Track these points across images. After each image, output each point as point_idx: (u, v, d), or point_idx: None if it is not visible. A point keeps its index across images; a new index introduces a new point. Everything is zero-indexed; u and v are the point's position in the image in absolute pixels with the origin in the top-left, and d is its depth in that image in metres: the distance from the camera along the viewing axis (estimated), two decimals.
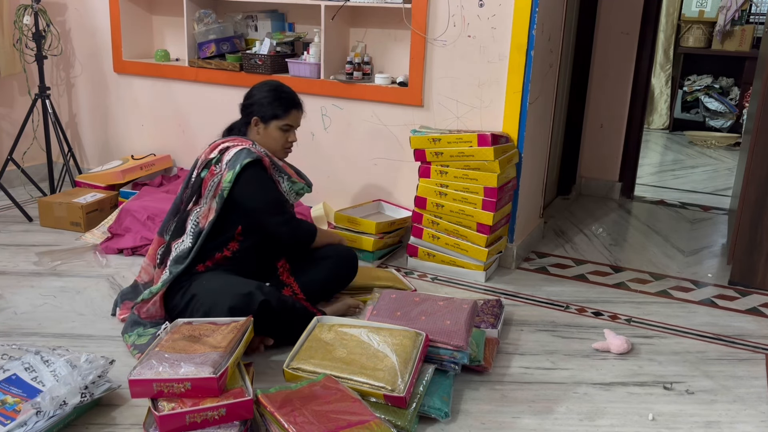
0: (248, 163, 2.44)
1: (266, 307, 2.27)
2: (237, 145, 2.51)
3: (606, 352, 2.54)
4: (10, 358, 2.19)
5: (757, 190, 3.07)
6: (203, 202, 2.50)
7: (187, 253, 2.47)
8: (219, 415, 1.85)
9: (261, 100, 2.56)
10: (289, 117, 2.58)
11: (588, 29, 4.25)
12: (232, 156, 2.46)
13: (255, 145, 2.53)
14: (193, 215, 2.51)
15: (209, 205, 2.48)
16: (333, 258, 2.69)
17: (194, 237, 2.48)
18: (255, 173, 2.47)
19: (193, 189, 2.53)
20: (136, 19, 4.15)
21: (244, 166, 2.43)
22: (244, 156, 2.45)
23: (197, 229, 2.49)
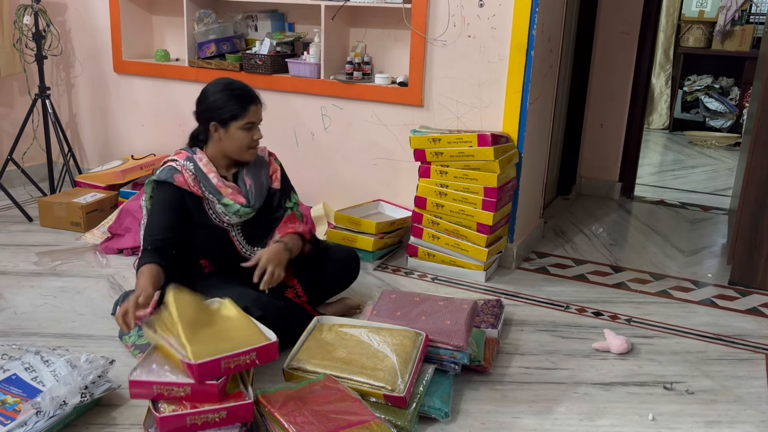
0: (155, 181, 2.40)
1: (264, 321, 2.24)
2: (171, 159, 2.44)
3: (606, 352, 2.54)
4: (10, 358, 2.19)
5: (757, 190, 3.07)
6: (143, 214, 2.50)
7: None
8: (219, 418, 1.85)
9: (215, 103, 2.38)
10: (248, 114, 2.39)
11: (588, 29, 4.25)
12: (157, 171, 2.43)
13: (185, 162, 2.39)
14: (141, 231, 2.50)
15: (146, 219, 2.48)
16: (336, 259, 2.69)
17: None
18: (156, 192, 2.41)
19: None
20: (136, 19, 4.15)
21: (149, 183, 2.42)
22: (158, 174, 2.40)
23: None
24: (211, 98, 2.41)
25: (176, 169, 2.39)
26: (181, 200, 2.39)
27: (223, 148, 2.44)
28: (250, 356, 1.89)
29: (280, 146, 3.71)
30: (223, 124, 2.39)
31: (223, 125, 2.39)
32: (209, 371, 1.83)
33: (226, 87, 2.41)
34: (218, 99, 2.38)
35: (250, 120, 2.40)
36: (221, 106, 2.38)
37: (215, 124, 2.39)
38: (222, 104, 2.38)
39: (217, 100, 2.39)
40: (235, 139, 2.40)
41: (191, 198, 2.40)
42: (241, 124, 2.39)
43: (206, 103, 2.42)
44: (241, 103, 2.39)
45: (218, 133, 2.40)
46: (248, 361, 1.89)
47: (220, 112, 2.38)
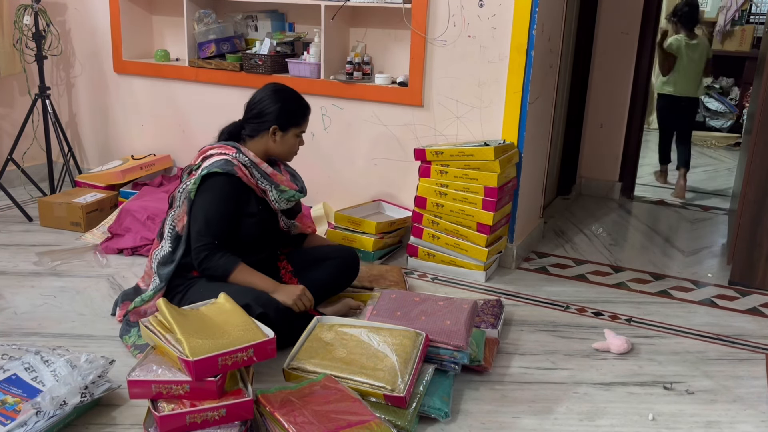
0: (214, 173, 2.40)
1: (265, 318, 2.25)
2: (220, 153, 2.47)
3: (606, 352, 2.54)
4: (10, 358, 2.19)
5: (757, 190, 3.07)
6: (176, 204, 2.50)
7: (168, 258, 2.48)
8: (219, 416, 1.85)
9: (280, 110, 2.51)
10: (305, 124, 2.61)
11: (588, 29, 4.26)
12: (210, 163, 2.43)
13: (238, 155, 2.46)
14: (169, 219, 2.51)
15: (183, 207, 2.47)
16: (335, 259, 2.69)
17: (172, 242, 2.48)
18: (215, 184, 2.40)
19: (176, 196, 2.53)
20: (136, 19, 4.15)
21: (208, 174, 2.41)
22: (216, 165, 2.41)
23: (174, 233, 2.49)
24: (276, 104, 2.52)
25: (232, 162, 2.44)
26: (239, 192, 2.46)
27: (272, 148, 2.56)
28: (248, 353, 1.89)
29: None
30: (284, 129, 2.54)
31: (283, 130, 2.54)
32: (206, 368, 1.83)
33: (294, 97, 2.58)
34: (285, 106, 2.53)
35: (304, 129, 2.62)
36: (287, 113, 2.54)
37: (275, 128, 2.53)
38: (288, 111, 2.54)
39: (283, 107, 2.53)
40: (289, 143, 2.58)
41: (245, 189, 2.48)
42: (298, 131, 2.59)
43: (271, 107, 2.52)
44: (304, 114, 2.60)
45: (275, 136, 2.54)
46: (245, 357, 1.89)
47: (283, 119, 2.53)
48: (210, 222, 2.39)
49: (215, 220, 2.40)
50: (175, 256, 2.47)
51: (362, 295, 2.80)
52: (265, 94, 2.55)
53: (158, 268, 2.50)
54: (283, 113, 2.52)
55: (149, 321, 2.00)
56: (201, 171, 2.43)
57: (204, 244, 2.38)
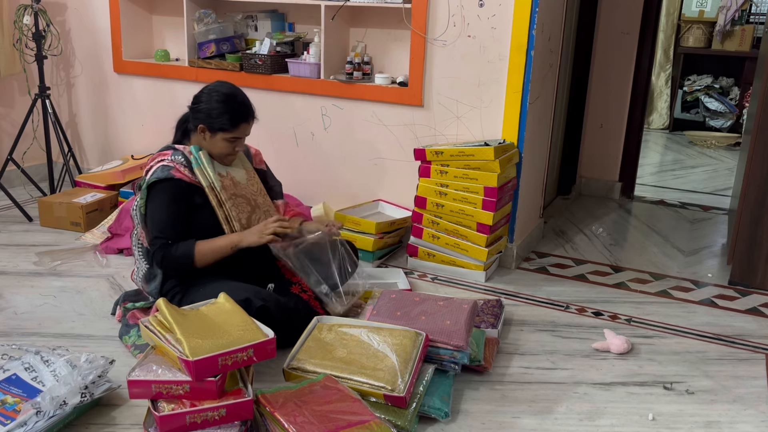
0: (153, 183, 2.39)
1: (265, 312, 2.26)
2: (156, 162, 2.45)
3: (606, 352, 2.54)
4: (10, 358, 2.19)
5: (757, 190, 3.07)
6: (136, 222, 2.51)
7: (150, 274, 2.50)
8: (219, 416, 1.85)
9: (210, 111, 2.43)
10: (236, 130, 2.45)
11: (588, 29, 4.25)
12: (151, 172, 2.42)
13: (173, 157, 2.43)
14: (134, 237, 2.52)
15: (141, 224, 2.48)
16: None
17: (146, 257, 2.50)
18: (158, 192, 2.39)
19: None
20: (136, 19, 4.15)
21: (149, 185, 2.40)
22: (155, 175, 2.39)
23: (143, 249, 2.50)
24: (207, 105, 2.44)
25: (168, 166, 2.41)
26: (184, 192, 2.42)
27: (205, 147, 2.50)
28: (248, 353, 1.89)
29: (280, 146, 3.72)
30: (212, 130, 2.45)
31: (211, 131, 2.46)
32: (206, 368, 1.83)
33: (227, 99, 2.45)
34: (215, 108, 2.43)
35: (236, 135, 2.47)
36: (215, 116, 2.43)
37: (203, 127, 2.46)
38: (216, 114, 2.43)
39: (213, 109, 2.43)
40: (218, 146, 2.47)
41: (190, 188, 2.43)
42: (227, 136, 2.45)
43: (202, 106, 2.46)
44: (233, 120, 2.44)
45: (204, 134, 2.47)
46: (245, 357, 1.89)
47: (211, 120, 2.44)
48: (161, 226, 2.39)
49: (166, 223, 2.39)
50: (154, 269, 2.48)
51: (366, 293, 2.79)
52: (205, 91, 2.49)
53: (145, 286, 2.53)
54: (212, 114, 2.43)
55: (149, 321, 2.00)
56: (143, 184, 2.43)
57: (158, 247, 2.38)
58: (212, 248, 2.40)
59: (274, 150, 3.68)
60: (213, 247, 2.40)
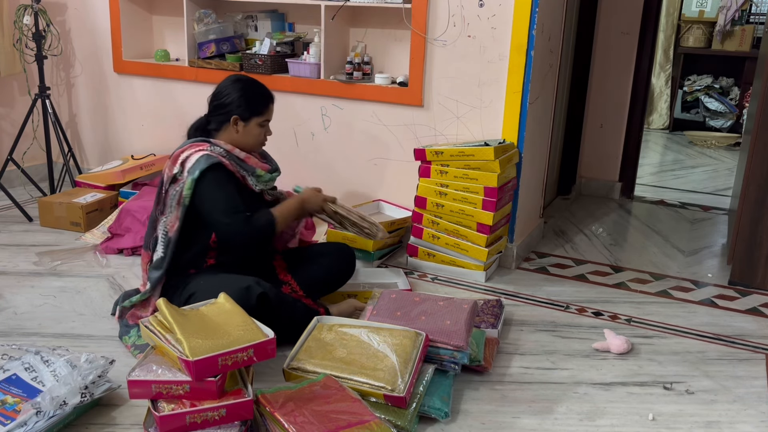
0: (206, 169, 2.39)
1: (265, 300, 2.27)
2: (196, 152, 2.46)
3: (606, 352, 2.54)
4: (10, 358, 2.19)
5: (757, 190, 3.07)
6: (168, 211, 2.49)
7: (160, 262, 2.48)
8: (219, 416, 1.85)
9: (239, 99, 2.49)
10: (268, 112, 2.57)
11: (588, 29, 4.25)
12: (193, 163, 2.42)
13: (213, 148, 2.47)
14: (161, 225, 2.51)
15: (175, 213, 2.46)
16: (331, 254, 2.70)
17: (164, 246, 2.48)
18: (212, 178, 2.41)
19: (162, 202, 2.52)
20: (136, 19, 4.15)
21: (202, 173, 2.40)
22: (202, 163, 2.40)
23: (166, 238, 2.48)
24: (235, 94, 2.51)
25: (212, 156, 2.43)
26: (232, 176, 2.47)
27: (237, 140, 2.54)
28: (248, 353, 1.89)
29: (280, 146, 3.72)
30: (245, 119, 2.52)
31: (244, 120, 2.52)
32: (206, 368, 1.83)
33: (252, 85, 2.55)
34: (243, 96, 2.51)
35: (267, 118, 2.58)
36: (246, 103, 2.51)
37: (236, 118, 2.51)
38: (247, 101, 2.51)
39: (241, 96, 2.51)
40: (253, 133, 2.55)
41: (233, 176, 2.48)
42: (260, 120, 2.55)
43: (230, 98, 2.51)
44: (264, 102, 2.56)
45: (237, 127, 2.52)
46: (245, 357, 1.89)
47: (243, 108, 2.51)
48: (231, 203, 2.39)
49: (234, 198, 2.41)
50: (164, 261, 2.47)
51: (365, 293, 2.80)
52: (225, 85, 2.55)
53: (150, 270, 2.52)
54: (243, 102, 2.50)
55: (149, 321, 2.00)
56: (190, 174, 2.40)
57: (241, 219, 2.37)
58: (286, 211, 2.49)
59: (274, 150, 3.65)
60: (285, 211, 2.49)
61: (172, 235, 2.46)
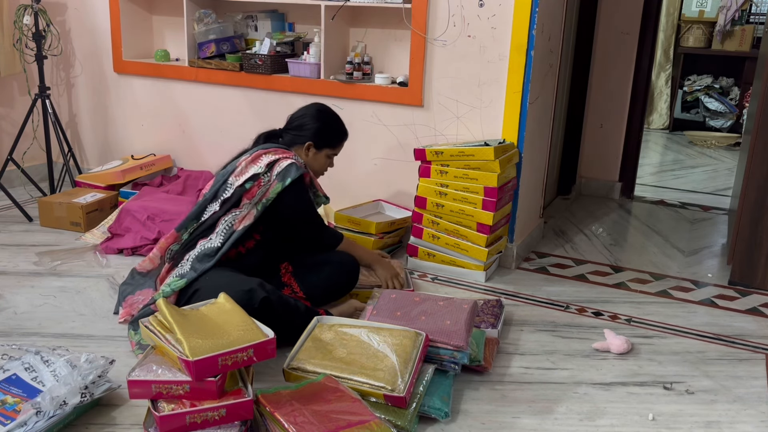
0: (297, 179, 2.53)
1: (267, 304, 2.28)
2: (285, 158, 2.56)
3: (606, 352, 2.54)
4: (10, 358, 2.19)
5: (757, 190, 3.07)
6: (244, 207, 2.52)
7: (215, 252, 2.48)
8: (219, 416, 1.85)
9: (320, 129, 2.67)
10: (339, 147, 2.76)
11: (588, 29, 4.25)
12: (283, 169, 2.52)
13: (297, 158, 2.60)
14: (229, 217, 2.52)
15: (249, 210, 2.52)
16: (334, 264, 2.70)
17: (224, 237, 2.50)
18: (301, 187, 2.58)
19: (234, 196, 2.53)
20: (136, 19, 4.15)
21: (293, 181, 2.52)
22: (294, 172, 2.52)
23: (230, 230, 2.50)
24: (317, 124, 2.68)
25: (300, 168, 2.56)
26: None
27: (306, 161, 2.69)
28: (248, 353, 1.89)
29: None
30: (318, 147, 2.69)
31: (317, 148, 2.69)
32: (206, 368, 1.83)
33: (333, 120, 2.75)
34: (324, 127, 2.70)
35: (336, 152, 2.78)
36: (325, 134, 2.70)
37: (310, 144, 2.67)
38: (326, 133, 2.70)
39: (323, 127, 2.69)
40: (320, 162, 2.73)
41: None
42: (330, 152, 2.75)
43: (312, 125, 2.68)
44: (339, 138, 2.77)
45: (309, 151, 2.69)
46: (245, 357, 1.89)
47: (320, 138, 2.68)
48: (314, 213, 2.68)
49: (314, 210, 2.68)
50: (219, 251, 2.48)
51: (366, 292, 2.80)
52: (311, 111, 2.71)
53: (196, 260, 2.49)
54: (322, 133, 2.68)
55: (149, 321, 2.00)
56: (280, 178, 2.51)
57: (318, 225, 2.69)
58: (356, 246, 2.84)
59: None
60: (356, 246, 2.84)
61: (238, 228, 2.50)
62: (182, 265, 2.51)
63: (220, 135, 3.94)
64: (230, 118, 3.90)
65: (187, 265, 2.50)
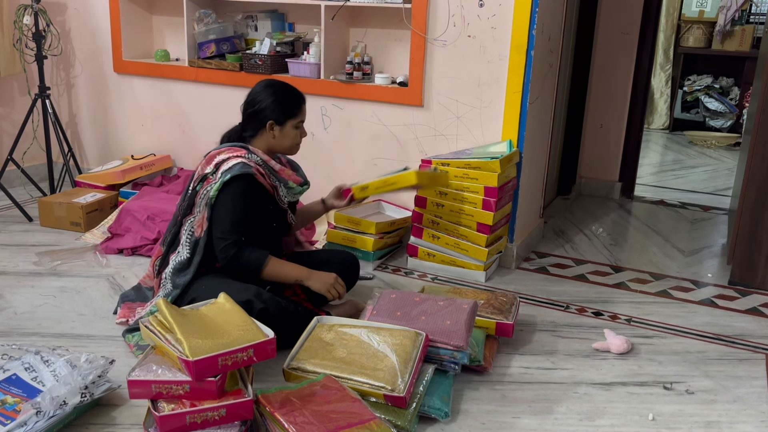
0: (236, 176, 2.39)
1: (265, 314, 2.27)
2: (235, 156, 2.46)
3: (606, 352, 2.54)
4: (10, 358, 2.19)
5: (757, 190, 3.07)
6: (196, 211, 2.48)
7: (187, 264, 2.46)
8: (219, 416, 1.85)
9: (272, 104, 2.51)
10: (301, 113, 2.59)
11: (588, 29, 4.25)
12: (229, 167, 2.42)
13: (250, 156, 2.47)
14: (186, 226, 2.50)
15: (203, 214, 2.45)
16: (337, 263, 2.69)
17: (191, 247, 2.47)
18: (238, 188, 2.41)
19: (189, 201, 2.51)
20: (136, 19, 4.15)
21: (232, 178, 2.39)
22: (237, 169, 2.40)
23: (193, 239, 2.47)
24: (269, 98, 2.52)
25: (249, 165, 2.43)
26: (257, 193, 2.48)
27: (274, 144, 2.56)
28: (248, 353, 1.89)
29: None
30: (280, 123, 2.53)
31: (279, 124, 2.53)
32: (206, 368, 1.83)
33: (284, 89, 2.57)
34: (277, 99, 2.53)
35: (301, 119, 2.60)
36: (280, 106, 2.52)
37: (272, 122, 2.52)
38: (281, 104, 2.53)
39: (275, 100, 2.52)
40: (289, 136, 2.56)
41: (260, 189, 2.49)
42: (295, 122, 2.56)
43: (264, 103, 2.52)
44: (297, 103, 2.57)
45: (273, 131, 2.54)
46: (245, 358, 1.89)
47: (278, 112, 2.52)
48: (236, 222, 2.40)
49: (241, 219, 2.41)
50: (192, 262, 2.46)
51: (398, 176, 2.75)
52: (257, 91, 2.56)
53: (174, 275, 2.47)
54: (277, 107, 2.51)
55: (149, 321, 2.00)
56: (221, 176, 2.41)
57: (232, 242, 2.39)
58: (281, 272, 2.47)
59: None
60: (282, 271, 2.47)
61: (200, 236, 2.45)
62: (164, 284, 2.50)
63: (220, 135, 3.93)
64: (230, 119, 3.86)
65: (168, 283, 2.48)
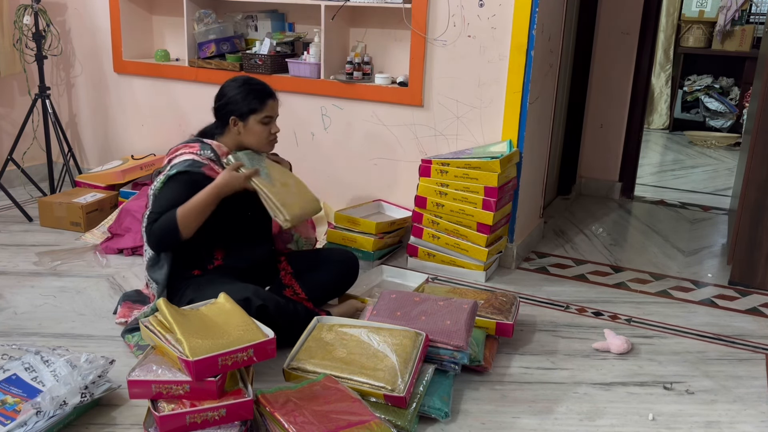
0: (180, 172, 2.36)
1: (264, 312, 2.27)
2: (186, 152, 2.43)
3: (606, 352, 2.54)
4: (10, 358, 2.19)
5: (757, 190, 3.07)
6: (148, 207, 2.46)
7: (155, 259, 2.44)
8: (219, 416, 1.85)
9: (234, 98, 2.45)
10: (266, 108, 2.48)
11: (588, 29, 4.26)
12: (178, 162, 2.40)
13: (202, 151, 2.42)
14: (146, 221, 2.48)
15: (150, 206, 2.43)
16: (336, 262, 2.69)
17: None
18: (178, 182, 2.35)
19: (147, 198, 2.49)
20: (136, 19, 4.15)
21: (176, 173, 2.36)
22: (180, 165, 2.36)
23: None
24: (230, 93, 2.48)
25: (199, 162, 2.39)
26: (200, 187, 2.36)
27: (241, 141, 2.51)
28: (248, 353, 1.89)
29: (280, 146, 3.71)
30: (242, 118, 2.47)
31: (242, 119, 2.47)
32: (206, 368, 1.83)
33: (246, 83, 2.50)
34: (238, 93, 2.46)
35: (267, 114, 2.49)
36: (241, 101, 2.45)
37: (234, 118, 2.47)
38: (242, 98, 2.45)
39: (236, 94, 2.46)
40: (254, 132, 2.49)
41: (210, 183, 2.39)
42: (259, 117, 2.47)
43: (226, 98, 2.48)
44: (259, 98, 2.47)
45: (237, 127, 2.48)
46: (245, 358, 1.89)
47: (239, 106, 2.45)
48: (164, 205, 2.34)
49: (170, 203, 2.33)
50: (161, 255, 2.44)
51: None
52: (222, 87, 2.52)
53: (150, 272, 2.48)
54: (237, 100, 2.45)
55: (149, 321, 2.00)
56: (167, 171, 2.39)
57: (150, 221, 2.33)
58: (195, 206, 2.31)
59: (274, 150, 3.68)
60: (195, 204, 2.31)
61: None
62: (150, 284, 2.50)
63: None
64: None
65: (152, 284, 2.48)
